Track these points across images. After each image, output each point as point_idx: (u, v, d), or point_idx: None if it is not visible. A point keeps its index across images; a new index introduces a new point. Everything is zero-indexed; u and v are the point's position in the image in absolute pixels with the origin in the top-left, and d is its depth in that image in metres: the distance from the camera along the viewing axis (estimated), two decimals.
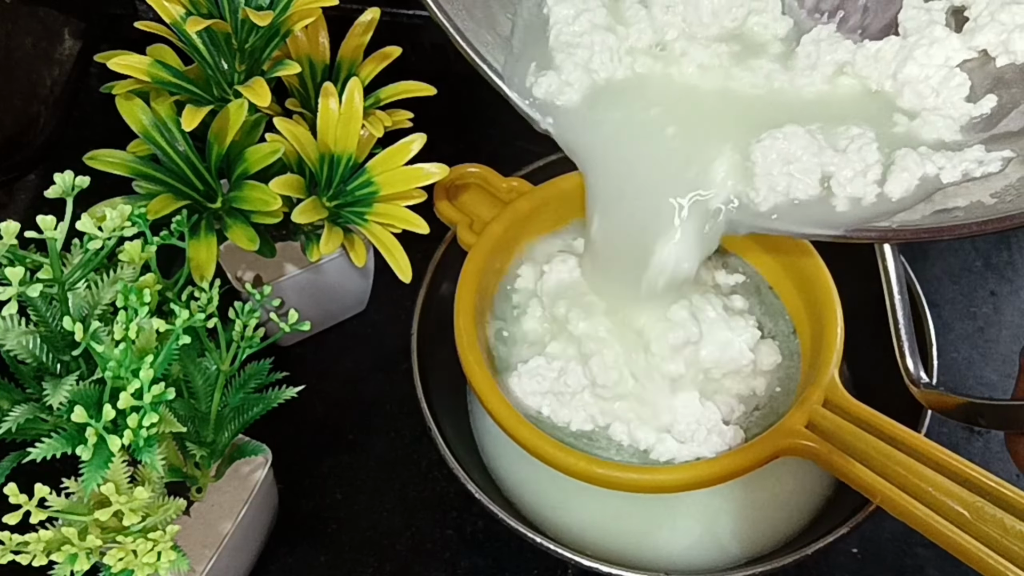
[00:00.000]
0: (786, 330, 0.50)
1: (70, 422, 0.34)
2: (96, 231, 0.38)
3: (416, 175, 0.46)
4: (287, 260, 0.52)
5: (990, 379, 0.57)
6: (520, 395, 0.47)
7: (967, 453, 0.44)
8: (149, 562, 0.36)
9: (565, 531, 0.48)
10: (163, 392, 0.35)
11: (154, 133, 0.44)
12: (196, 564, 0.43)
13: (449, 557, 0.51)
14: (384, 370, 0.58)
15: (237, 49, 0.44)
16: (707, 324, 0.48)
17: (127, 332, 0.36)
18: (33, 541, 0.35)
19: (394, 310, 0.60)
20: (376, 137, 0.47)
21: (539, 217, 0.52)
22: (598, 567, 0.42)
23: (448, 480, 0.53)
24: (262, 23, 0.42)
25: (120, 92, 0.43)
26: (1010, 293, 0.60)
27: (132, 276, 0.41)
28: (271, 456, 0.46)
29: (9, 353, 0.38)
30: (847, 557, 0.50)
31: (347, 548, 0.52)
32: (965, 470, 0.38)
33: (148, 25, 0.44)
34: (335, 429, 0.56)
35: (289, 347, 0.58)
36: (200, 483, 0.45)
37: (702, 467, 0.44)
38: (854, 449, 0.41)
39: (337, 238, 0.46)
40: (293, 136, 0.45)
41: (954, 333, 0.59)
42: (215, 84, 0.45)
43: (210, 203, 0.45)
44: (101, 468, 0.34)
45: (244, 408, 0.45)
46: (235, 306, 0.44)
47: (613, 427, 0.46)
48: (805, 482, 0.49)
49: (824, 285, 0.48)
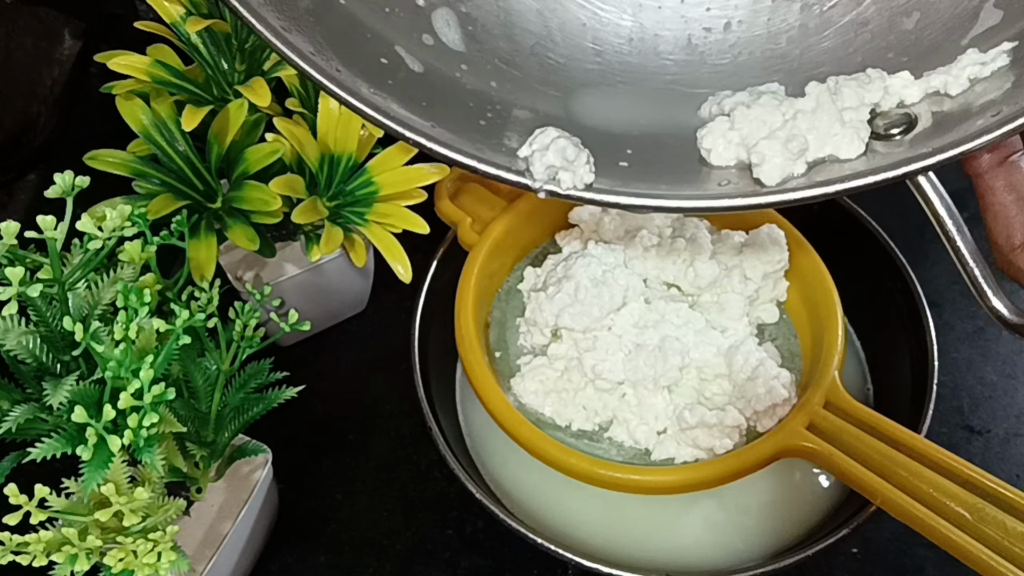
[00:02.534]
0: (787, 331, 0.50)
1: (70, 422, 0.34)
2: (96, 231, 0.38)
3: (416, 175, 0.46)
4: (287, 260, 0.52)
5: (990, 379, 0.57)
6: (522, 396, 0.47)
7: (967, 454, 0.44)
8: (149, 562, 0.36)
9: (565, 531, 0.48)
10: (163, 392, 0.35)
11: (154, 133, 0.44)
12: (196, 564, 0.43)
13: (449, 557, 0.51)
14: (384, 370, 0.58)
15: (237, 49, 0.44)
16: (706, 324, 0.48)
17: (127, 332, 0.36)
18: (33, 541, 0.35)
19: (394, 310, 0.60)
20: (376, 137, 0.47)
21: (540, 217, 0.52)
22: (598, 567, 0.42)
23: (448, 480, 0.53)
24: None
25: (120, 92, 0.43)
26: (1010, 293, 0.60)
27: (132, 276, 0.41)
28: (271, 456, 0.46)
29: (9, 353, 0.38)
30: (847, 557, 0.50)
31: (347, 548, 0.52)
32: (965, 471, 0.38)
33: (148, 25, 0.44)
34: (335, 429, 0.56)
35: (289, 347, 0.58)
36: (200, 483, 0.45)
37: (703, 468, 0.44)
38: (855, 450, 0.41)
39: (337, 238, 0.46)
40: (293, 136, 0.45)
41: (954, 333, 0.59)
42: (215, 84, 0.45)
43: (210, 203, 0.45)
44: (101, 468, 0.34)
45: (244, 408, 0.45)
46: (235, 306, 0.44)
47: (614, 427, 0.46)
48: (806, 483, 0.49)
49: (824, 286, 0.48)
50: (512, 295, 0.52)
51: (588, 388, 0.46)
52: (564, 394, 0.47)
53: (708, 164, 0.34)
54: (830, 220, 0.54)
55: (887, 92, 0.33)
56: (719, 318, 0.48)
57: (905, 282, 0.51)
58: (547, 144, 0.33)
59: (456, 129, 0.33)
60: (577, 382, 0.46)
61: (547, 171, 0.32)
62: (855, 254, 0.53)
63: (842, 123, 0.33)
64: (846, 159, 0.33)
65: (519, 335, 0.50)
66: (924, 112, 0.33)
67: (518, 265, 0.53)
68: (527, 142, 0.33)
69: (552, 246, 0.53)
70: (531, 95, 0.36)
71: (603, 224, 0.50)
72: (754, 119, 0.34)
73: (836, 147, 0.33)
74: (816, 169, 0.33)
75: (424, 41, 0.35)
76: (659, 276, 0.49)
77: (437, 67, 0.35)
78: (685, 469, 0.44)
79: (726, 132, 0.34)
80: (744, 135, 0.34)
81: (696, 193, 0.33)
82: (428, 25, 0.35)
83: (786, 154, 0.33)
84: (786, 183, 0.32)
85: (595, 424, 0.47)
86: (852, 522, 0.43)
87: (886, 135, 0.33)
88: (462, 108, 0.34)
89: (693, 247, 0.49)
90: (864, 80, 0.34)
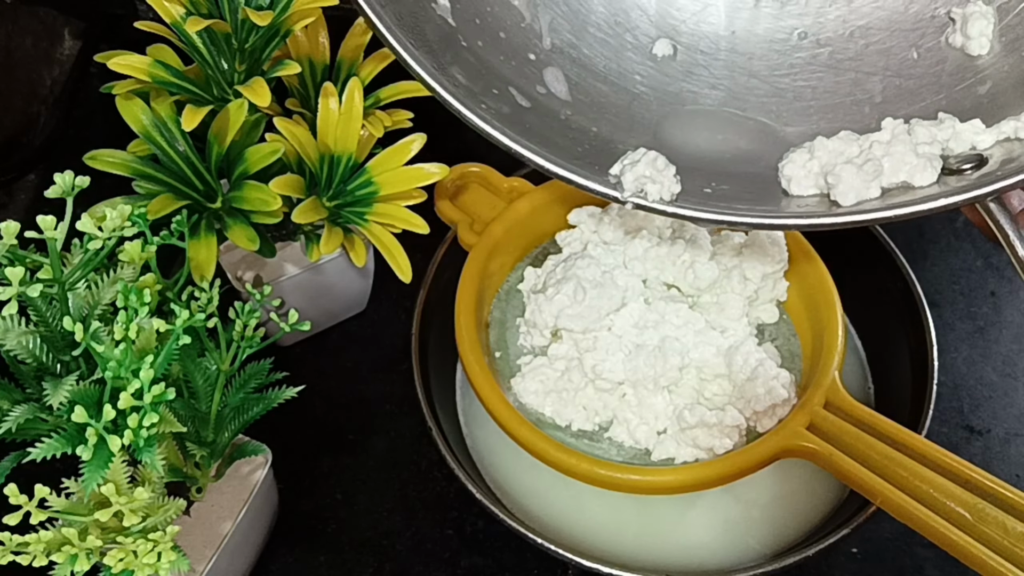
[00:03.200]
0: (786, 331, 0.50)
1: (70, 422, 0.34)
2: (96, 231, 0.38)
3: (416, 175, 0.46)
4: (287, 260, 0.52)
5: (990, 379, 0.57)
6: (522, 396, 0.47)
7: (967, 454, 0.44)
8: (149, 562, 0.36)
9: (565, 531, 0.48)
10: (163, 392, 0.35)
11: (154, 133, 0.44)
12: (196, 564, 0.43)
13: (449, 557, 0.51)
14: (384, 370, 0.58)
15: (237, 49, 0.44)
16: (706, 325, 0.48)
17: (127, 332, 0.36)
18: (33, 542, 0.35)
19: (394, 310, 0.60)
20: (376, 137, 0.47)
21: (540, 217, 0.52)
22: (598, 567, 0.42)
23: (448, 480, 0.53)
24: (262, 23, 0.42)
25: (120, 92, 0.43)
26: (1010, 293, 0.60)
27: (132, 276, 0.41)
28: (271, 456, 0.46)
29: (9, 353, 0.38)
30: (847, 557, 0.50)
31: (347, 548, 0.52)
32: (965, 471, 0.38)
33: (148, 25, 0.44)
34: (335, 429, 0.56)
35: (289, 347, 0.58)
36: (200, 483, 0.45)
37: (703, 468, 0.44)
38: (855, 450, 0.41)
39: (337, 238, 0.46)
40: (293, 136, 0.45)
41: (954, 333, 0.59)
42: (215, 84, 0.45)
43: (210, 203, 0.45)
44: (101, 468, 0.34)
45: (244, 408, 0.45)
46: (235, 306, 0.44)
47: (614, 427, 0.46)
48: (807, 484, 0.49)
49: (824, 286, 0.48)
50: (512, 295, 0.52)
51: (588, 388, 0.46)
52: (564, 394, 0.47)
53: (788, 194, 0.36)
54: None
55: (958, 136, 0.35)
56: (719, 318, 0.48)
57: (905, 282, 0.51)
58: (638, 159, 0.35)
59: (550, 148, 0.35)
60: (577, 382, 0.46)
61: (636, 182, 0.34)
62: (855, 254, 0.53)
63: (916, 154, 0.34)
64: (919, 186, 0.34)
65: (519, 335, 0.50)
66: (996, 152, 0.34)
67: (518, 265, 0.53)
68: (619, 161, 0.36)
69: (552, 246, 0.53)
70: (627, 135, 0.39)
71: (603, 225, 0.50)
72: (832, 150, 0.35)
73: (910, 175, 0.34)
74: (889, 195, 0.34)
75: (537, 90, 0.39)
76: (659, 277, 0.49)
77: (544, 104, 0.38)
78: (685, 469, 0.44)
79: (806, 163, 0.35)
80: (823, 163, 0.35)
81: (775, 211, 0.35)
82: (540, 77, 0.39)
83: (862, 176, 0.34)
84: (861, 204, 0.34)
85: (595, 424, 0.47)
86: (852, 522, 0.43)
87: (958, 170, 0.34)
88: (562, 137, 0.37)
89: (693, 248, 0.49)
90: (937, 123, 0.35)
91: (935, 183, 0.34)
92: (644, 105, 0.40)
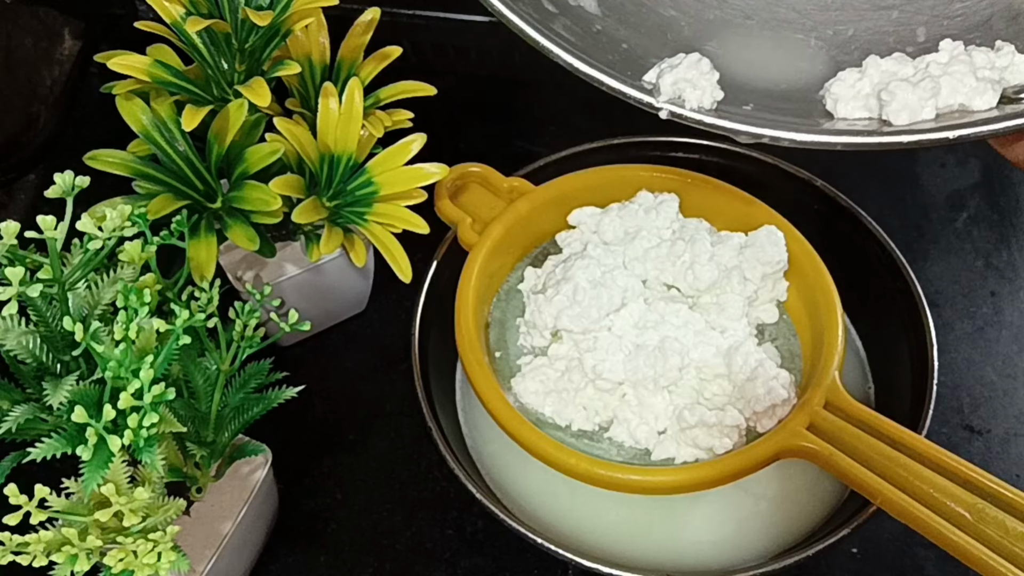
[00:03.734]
0: (786, 331, 0.50)
1: (70, 422, 0.34)
2: (96, 231, 0.38)
3: (416, 175, 0.46)
4: (287, 260, 0.52)
5: (990, 379, 0.57)
6: (522, 395, 0.47)
7: (967, 454, 0.44)
8: (149, 562, 0.36)
9: (565, 531, 0.48)
10: (163, 392, 0.35)
11: (154, 133, 0.44)
12: (196, 564, 0.43)
13: (449, 557, 0.51)
14: (384, 370, 0.58)
15: (237, 49, 0.44)
16: (705, 325, 0.48)
17: (127, 332, 0.36)
18: (33, 542, 0.35)
19: (394, 310, 0.60)
20: (376, 137, 0.47)
21: (540, 217, 0.52)
22: (598, 567, 0.42)
23: (448, 480, 0.53)
24: (262, 23, 0.42)
25: (120, 92, 0.43)
26: (1010, 293, 0.60)
27: (132, 276, 0.41)
28: (271, 456, 0.46)
29: (9, 353, 0.38)
30: (847, 557, 0.50)
31: (347, 548, 0.52)
32: (966, 471, 0.38)
33: (148, 25, 0.44)
34: (335, 429, 0.56)
35: (289, 347, 0.58)
36: (200, 483, 0.45)
37: (703, 468, 0.44)
38: (855, 451, 0.41)
39: (337, 238, 0.46)
40: (293, 136, 0.45)
41: (954, 333, 0.59)
42: (215, 84, 0.45)
43: (210, 203, 0.45)
44: (101, 468, 0.34)
45: (244, 408, 0.45)
46: (235, 306, 0.44)
47: (614, 427, 0.46)
48: (807, 484, 0.49)
49: (824, 286, 0.48)
50: (512, 295, 0.52)
51: (588, 388, 0.46)
52: (564, 394, 0.47)
53: (833, 115, 0.33)
54: (830, 220, 0.54)
55: (1016, 67, 0.33)
56: (719, 319, 0.48)
57: (905, 282, 0.51)
58: (678, 62, 0.32)
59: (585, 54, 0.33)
60: (577, 382, 0.46)
61: (675, 86, 0.32)
62: (855, 254, 0.53)
63: (976, 77, 0.32)
64: (977, 110, 0.32)
65: (519, 335, 0.50)
66: None
67: (518, 265, 0.53)
68: (655, 67, 0.33)
69: (552, 246, 0.53)
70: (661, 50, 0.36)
71: (603, 225, 0.50)
72: (886, 70, 0.33)
73: (968, 97, 0.32)
74: (944, 118, 0.32)
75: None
76: (658, 277, 0.49)
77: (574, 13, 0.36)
78: (685, 469, 0.44)
79: (856, 82, 0.33)
80: (875, 83, 0.33)
81: (821, 127, 0.32)
82: None
83: (918, 93, 0.32)
84: (914, 125, 0.32)
85: (595, 424, 0.47)
86: (852, 522, 0.43)
87: (1015, 98, 0.32)
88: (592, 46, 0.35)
89: (692, 249, 0.49)
90: (996, 51, 0.33)
91: (993, 109, 0.32)
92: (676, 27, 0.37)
